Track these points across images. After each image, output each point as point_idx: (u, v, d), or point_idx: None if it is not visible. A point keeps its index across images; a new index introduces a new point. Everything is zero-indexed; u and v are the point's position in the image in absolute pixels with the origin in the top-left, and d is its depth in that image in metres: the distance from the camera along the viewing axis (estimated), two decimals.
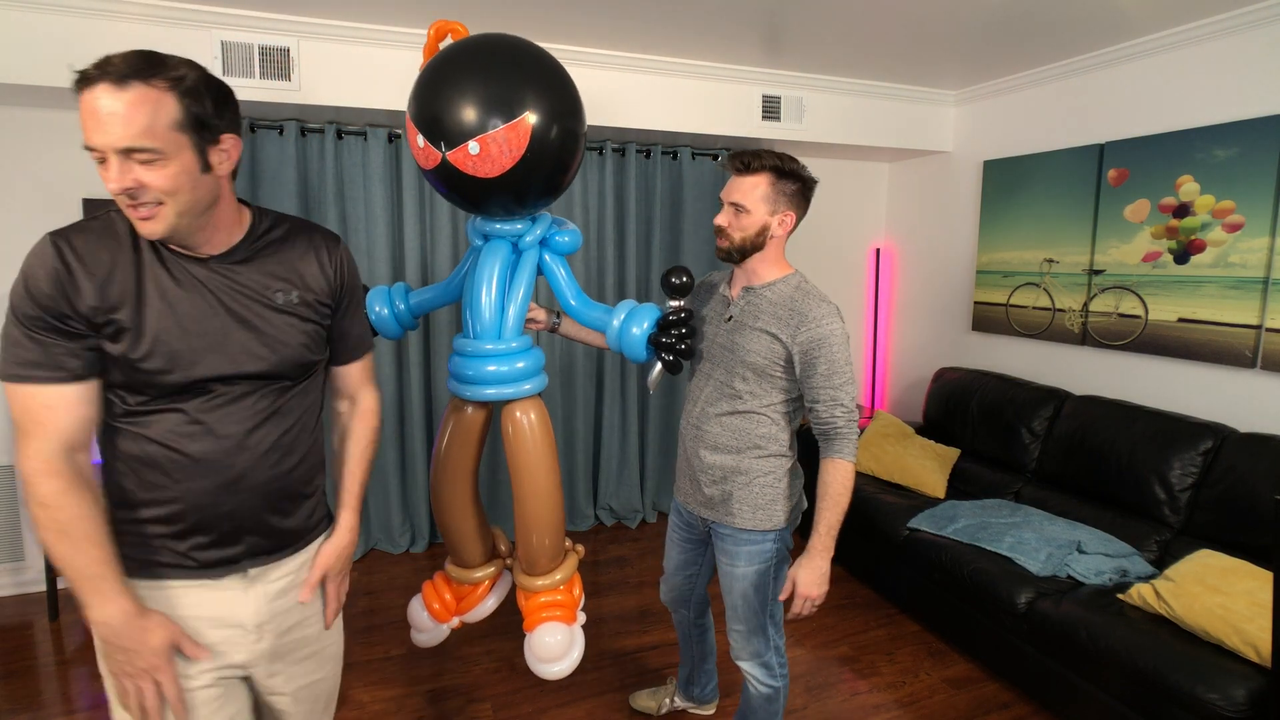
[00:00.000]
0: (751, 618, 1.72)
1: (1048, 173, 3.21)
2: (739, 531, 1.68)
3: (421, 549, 3.41)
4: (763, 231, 1.61)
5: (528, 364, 1.71)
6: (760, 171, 1.58)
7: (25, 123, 2.78)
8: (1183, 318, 2.70)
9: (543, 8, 2.53)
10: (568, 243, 1.79)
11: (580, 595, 1.93)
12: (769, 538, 1.68)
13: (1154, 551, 2.46)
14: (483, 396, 1.70)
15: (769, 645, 1.75)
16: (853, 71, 3.35)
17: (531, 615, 1.82)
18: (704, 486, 1.72)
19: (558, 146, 1.55)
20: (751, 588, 1.70)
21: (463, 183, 1.54)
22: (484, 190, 1.55)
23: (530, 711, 2.23)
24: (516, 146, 1.47)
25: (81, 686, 2.35)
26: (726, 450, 1.67)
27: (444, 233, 3.28)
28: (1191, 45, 2.66)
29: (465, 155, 1.47)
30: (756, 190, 1.58)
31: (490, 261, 1.67)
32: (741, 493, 1.67)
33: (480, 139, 1.46)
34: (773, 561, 1.70)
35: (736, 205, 1.60)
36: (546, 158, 1.53)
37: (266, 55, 2.64)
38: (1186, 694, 1.81)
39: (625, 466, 3.76)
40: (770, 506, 1.66)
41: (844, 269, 4.28)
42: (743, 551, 1.69)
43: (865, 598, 2.99)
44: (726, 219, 1.63)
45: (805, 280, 1.66)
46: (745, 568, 1.69)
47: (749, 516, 1.67)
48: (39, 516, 1.02)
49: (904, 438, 3.36)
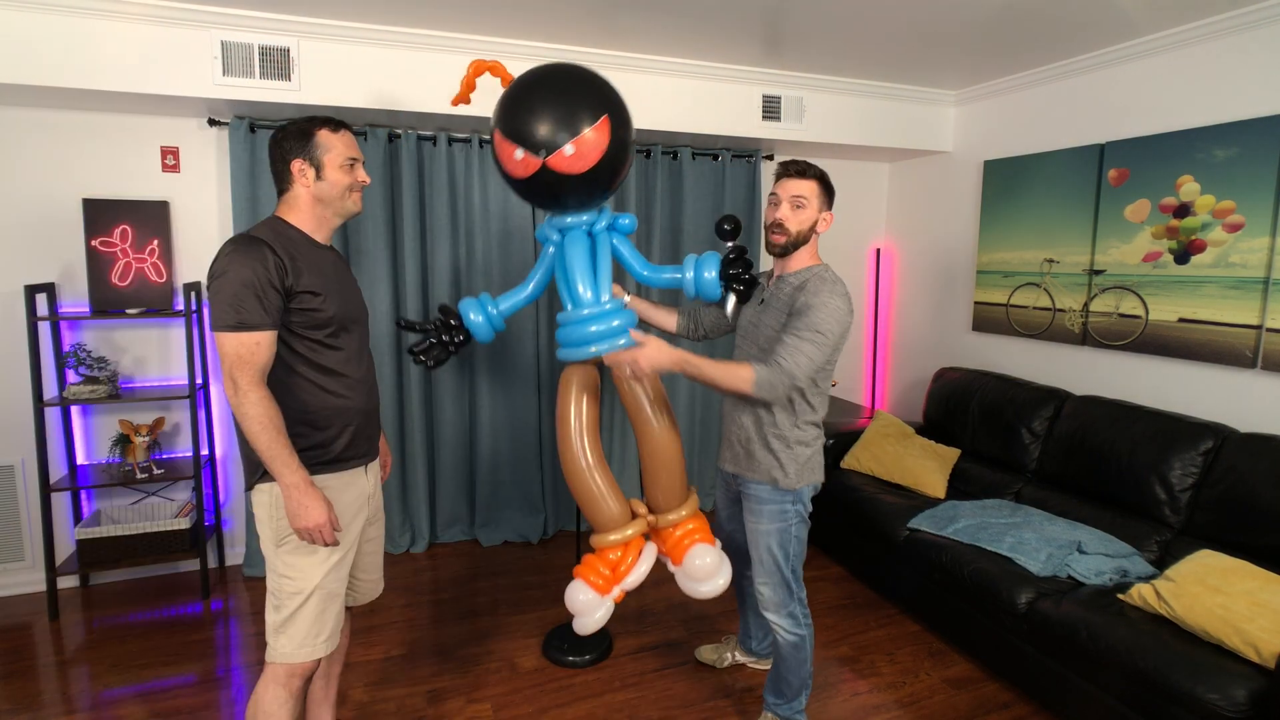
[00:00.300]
0: (775, 572, 1.95)
1: (1048, 173, 3.21)
2: (761, 488, 1.93)
3: (421, 549, 3.41)
4: (813, 226, 1.90)
5: (623, 320, 1.97)
6: (813, 177, 1.88)
7: (25, 123, 2.78)
8: (1183, 318, 2.70)
9: (544, 8, 2.53)
10: (628, 224, 2.12)
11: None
12: (787, 498, 1.91)
13: (1154, 551, 2.46)
14: (592, 354, 1.95)
15: (793, 597, 1.98)
16: (853, 71, 3.35)
17: (677, 546, 2.07)
18: (735, 444, 2.00)
19: (626, 144, 1.89)
20: (776, 543, 1.93)
21: (557, 182, 1.83)
22: (572, 186, 1.85)
23: (530, 711, 2.23)
24: (602, 143, 1.81)
25: (81, 686, 2.35)
26: (753, 415, 1.93)
27: (443, 233, 3.28)
28: (1191, 45, 2.65)
29: (561, 157, 1.79)
30: (813, 190, 1.87)
31: (578, 248, 2.01)
32: (762, 453, 1.91)
33: (574, 141, 1.78)
34: (793, 521, 1.94)
35: (798, 200, 1.86)
36: (621, 152, 1.87)
37: (266, 55, 2.64)
38: (1187, 694, 1.81)
39: (625, 467, 3.76)
40: (786, 466, 1.90)
41: (844, 269, 4.26)
42: (765, 510, 1.93)
43: (865, 598, 2.99)
44: (786, 213, 1.87)
45: (830, 271, 1.90)
46: (768, 525, 1.93)
47: (766, 473, 1.91)
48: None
49: (904, 438, 3.36)
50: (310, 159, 1.60)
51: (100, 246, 2.83)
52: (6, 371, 2.85)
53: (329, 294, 1.59)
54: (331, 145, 1.62)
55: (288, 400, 1.56)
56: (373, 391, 1.75)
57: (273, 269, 1.49)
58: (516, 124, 1.81)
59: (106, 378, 2.82)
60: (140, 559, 2.84)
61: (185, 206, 3.00)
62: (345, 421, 1.65)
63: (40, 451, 2.70)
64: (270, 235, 1.55)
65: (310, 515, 1.52)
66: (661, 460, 2.05)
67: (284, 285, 1.51)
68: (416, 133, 3.19)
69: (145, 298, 2.89)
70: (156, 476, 2.83)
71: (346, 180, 1.64)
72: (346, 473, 1.67)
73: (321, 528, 1.53)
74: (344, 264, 1.77)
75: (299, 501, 1.51)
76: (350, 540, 1.67)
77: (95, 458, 3.01)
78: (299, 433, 1.58)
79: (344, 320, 1.64)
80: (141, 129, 2.92)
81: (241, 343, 1.46)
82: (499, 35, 2.85)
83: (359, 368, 1.69)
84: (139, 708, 2.23)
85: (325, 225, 1.68)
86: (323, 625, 1.62)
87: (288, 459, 1.50)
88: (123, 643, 2.60)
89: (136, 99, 2.65)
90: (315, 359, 1.59)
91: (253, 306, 1.46)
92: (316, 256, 1.62)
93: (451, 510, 3.50)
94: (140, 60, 2.51)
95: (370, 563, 1.87)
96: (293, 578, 1.59)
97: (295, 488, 1.50)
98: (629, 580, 2.03)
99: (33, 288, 2.66)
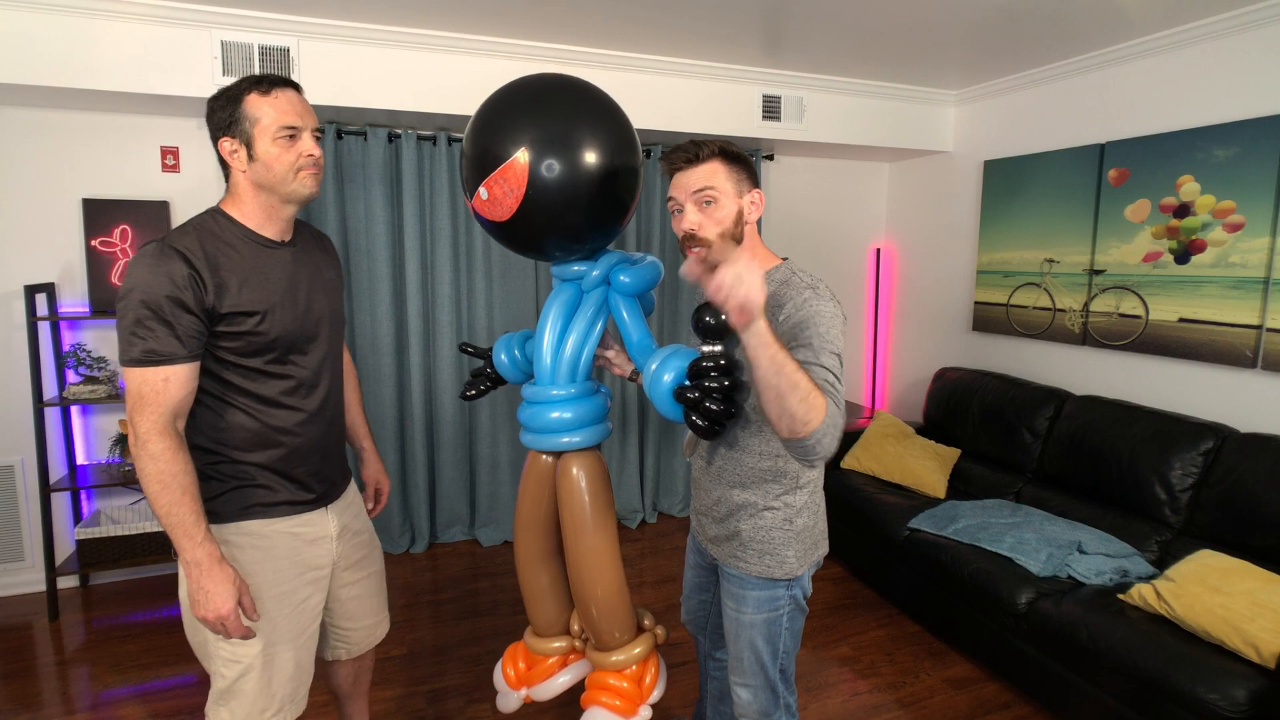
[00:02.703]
0: (759, 672, 1.50)
1: (1048, 173, 3.21)
2: (747, 576, 1.48)
3: (421, 549, 3.41)
4: (739, 219, 1.37)
5: (574, 414, 1.58)
6: (710, 158, 1.35)
7: (25, 123, 2.78)
8: (1183, 318, 2.70)
9: (543, 8, 2.53)
10: (628, 283, 1.59)
11: (653, 685, 1.69)
12: (780, 585, 1.46)
13: (1154, 551, 2.46)
14: (530, 444, 1.64)
15: (778, 703, 1.53)
16: (853, 71, 3.35)
17: (588, 691, 1.68)
18: (708, 526, 1.55)
19: (565, 181, 1.43)
20: (760, 638, 1.48)
21: (494, 230, 1.53)
22: (508, 236, 1.53)
23: (530, 711, 2.23)
24: (515, 186, 1.43)
25: (81, 686, 2.35)
26: (731, 484, 1.47)
27: (444, 233, 3.28)
28: (1191, 45, 2.65)
29: (480, 201, 1.48)
30: (717, 175, 1.34)
31: (550, 305, 1.63)
32: (748, 534, 1.46)
33: (485, 183, 1.46)
34: (785, 610, 1.48)
35: (703, 195, 1.34)
36: (552, 194, 1.44)
37: (266, 55, 2.64)
38: (1187, 694, 1.80)
39: (625, 467, 3.76)
40: (781, 551, 1.44)
41: (844, 269, 4.27)
42: (750, 597, 1.48)
43: (865, 598, 2.99)
44: (695, 219, 1.34)
45: (795, 270, 1.41)
46: (753, 615, 1.48)
47: (755, 562, 1.45)
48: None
49: (904, 438, 3.36)
50: (239, 134, 1.27)
51: (100, 246, 2.83)
52: (6, 371, 2.85)
53: (272, 310, 1.30)
54: (260, 114, 1.26)
55: (220, 437, 1.30)
56: (335, 421, 1.47)
57: (184, 286, 1.19)
58: (462, 161, 1.54)
59: (106, 378, 2.82)
60: (140, 559, 2.84)
61: (185, 206, 3.00)
62: (291, 462, 1.37)
63: (40, 451, 2.70)
64: (194, 240, 1.24)
65: (210, 603, 1.20)
66: (584, 590, 1.62)
67: (201, 306, 1.21)
68: (416, 133, 3.19)
69: None
70: None
71: (287, 157, 1.28)
72: (293, 518, 1.39)
73: (224, 619, 1.22)
74: (313, 262, 1.44)
75: (197, 584, 1.20)
76: (299, 603, 1.40)
77: (95, 458, 3.01)
78: (234, 474, 1.32)
79: (293, 341, 1.34)
80: (141, 129, 2.92)
81: (145, 380, 1.18)
82: (499, 35, 2.85)
83: (312, 397, 1.40)
84: (139, 708, 2.23)
85: (275, 216, 1.34)
86: (269, 700, 1.36)
87: (191, 528, 1.19)
88: (123, 643, 2.60)
89: (136, 99, 2.65)
90: (254, 389, 1.31)
91: (160, 334, 1.18)
92: (260, 260, 1.31)
93: (451, 510, 3.50)
94: (140, 60, 2.51)
95: (357, 609, 1.59)
96: (226, 646, 1.31)
97: (195, 565, 1.19)
98: (537, 690, 1.79)
99: (33, 288, 2.66)
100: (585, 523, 1.61)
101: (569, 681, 1.79)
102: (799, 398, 1.13)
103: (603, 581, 1.62)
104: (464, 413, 3.46)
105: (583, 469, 1.61)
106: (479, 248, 3.36)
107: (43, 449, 2.71)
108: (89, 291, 2.83)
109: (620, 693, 1.64)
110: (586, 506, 1.61)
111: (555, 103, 1.48)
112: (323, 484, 1.45)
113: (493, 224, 1.51)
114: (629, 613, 1.68)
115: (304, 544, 1.41)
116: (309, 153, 1.31)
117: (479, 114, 1.52)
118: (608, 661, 1.66)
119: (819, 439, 1.16)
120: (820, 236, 4.11)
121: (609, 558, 1.63)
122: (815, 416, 1.14)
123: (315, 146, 1.33)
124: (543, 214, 1.46)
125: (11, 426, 2.87)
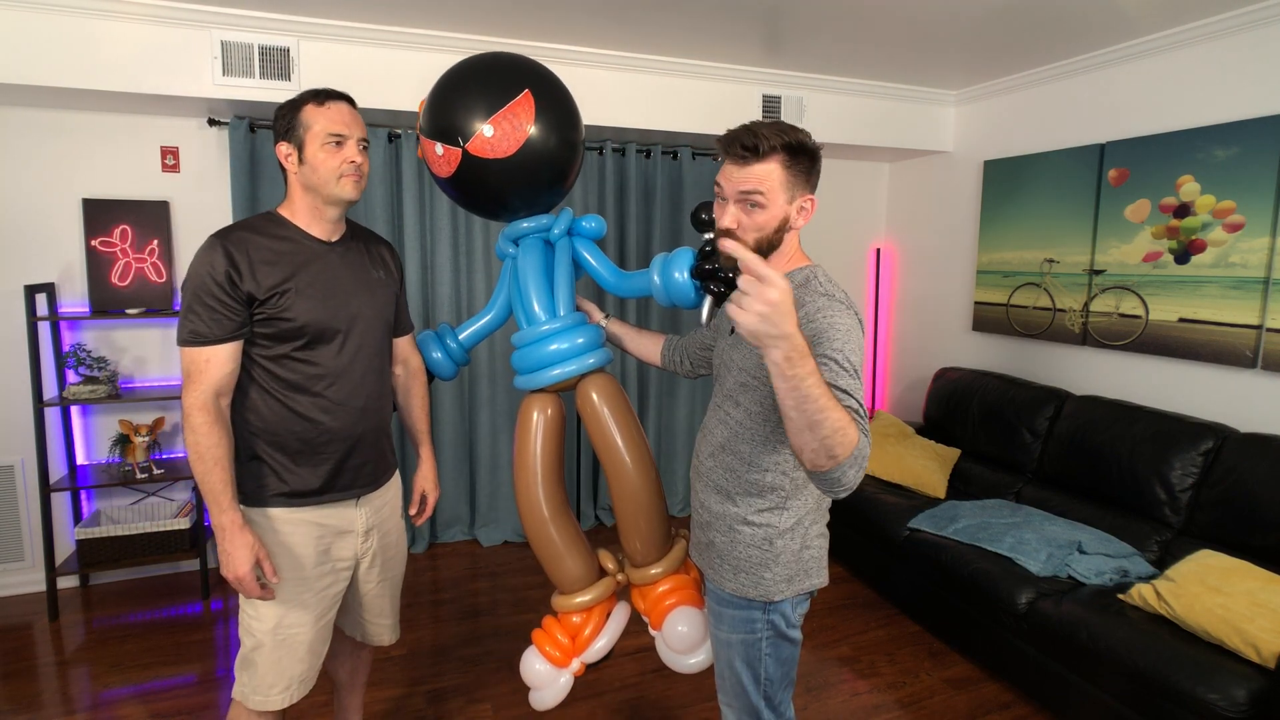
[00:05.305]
0: (739, 694, 1.39)
1: (1048, 173, 3.21)
2: (721, 591, 1.38)
3: (422, 549, 3.41)
4: (782, 226, 1.25)
5: (586, 338, 1.66)
6: (770, 155, 1.20)
7: (25, 122, 2.78)
8: (1183, 318, 2.70)
9: (543, 7, 2.53)
10: (594, 227, 1.79)
11: (698, 574, 1.70)
12: (755, 606, 1.34)
13: (1154, 551, 2.46)
14: (553, 379, 1.65)
15: None
16: (853, 71, 3.35)
17: (655, 609, 1.68)
18: (694, 530, 1.48)
19: (562, 123, 1.63)
20: (739, 660, 1.38)
21: (485, 174, 1.59)
22: (506, 177, 1.61)
23: (530, 711, 2.23)
24: (524, 120, 1.56)
25: (81, 686, 2.35)
26: (713, 488, 1.38)
27: (444, 232, 3.28)
28: (1191, 45, 2.65)
29: (481, 141, 1.55)
30: (772, 177, 1.21)
31: (530, 258, 1.73)
32: (723, 547, 1.36)
33: (492, 120, 1.54)
34: (763, 635, 1.35)
35: (749, 197, 1.22)
36: (554, 132, 1.61)
37: (266, 55, 2.64)
38: (1187, 694, 1.81)
39: None
40: (756, 571, 1.32)
41: (844, 269, 4.28)
42: (725, 614, 1.38)
43: (865, 598, 2.99)
44: (736, 219, 1.24)
45: (818, 274, 1.30)
46: (729, 634, 1.38)
47: (730, 578, 1.35)
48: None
49: (904, 438, 3.36)
50: (293, 139, 1.42)
51: (100, 246, 2.83)
52: (6, 371, 2.85)
53: (304, 298, 1.40)
54: (313, 121, 1.40)
55: (249, 418, 1.42)
56: (367, 414, 1.52)
57: (221, 272, 1.32)
58: (433, 120, 1.62)
59: (106, 378, 2.82)
60: (140, 559, 2.84)
61: (185, 206, 3.00)
62: (317, 449, 1.45)
63: (40, 451, 2.70)
64: (240, 234, 1.39)
65: (230, 564, 1.35)
66: (638, 504, 1.66)
67: (239, 291, 1.34)
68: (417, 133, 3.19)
69: (145, 298, 2.89)
70: (156, 476, 2.82)
71: (332, 162, 1.41)
72: (316, 509, 1.47)
73: (241, 580, 1.36)
74: (359, 263, 1.57)
75: (222, 546, 1.35)
76: (319, 590, 1.49)
77: (95, 458, 3.01)
78: (258, 456, 1.42)
79: (322, 330, 1.43)
80: (141, 129, 2.92)
81: (191, 359, 1.33)
82: (500, 36, 2.85)
83: (342, 387, 1.47)
84: (139, 708, 2.23)
85: (320, 217, 1.48)
86: (279, 676, 1.46)
87: (219, 496, 1.34)
88: (122, 643, 2.60)
89: (136, 99, 2.65)
90: (281, 373, 1.41)
91: (204, 317, 1.32)
92: (300, 255, 1.43)
93: (451, 510, 3.50)
94: (140, 60, 2.51)
95: (377, 605, 1.67)
96: (250, 614, 1.46)
97: (220, 530, 1.35)
98: (591, 651, 1.72)
99: (33, 288, 2.66)
100: (624, 435, 1.66)
101: (617, 632, 1.76)
102: (823, 434, 1.00)
103: (644, 494, 1.67)
104: (464, 413, 3.46)
105: (602, 389, 1.67)
106: (479, 248, 3.36)
107: (43, 449, 2.71)
108: (89, 291, 2.83)
109: (679, 588, 1.68)
110: (621, 419, 1.67)
111: (525, 60, 1.68)
112: (350, 475, 1.51)
113: (485, 167, 1.58)
114: (666, 521, 1.73)
115: (331, 535, 1.50)
116: (351, 159, 1.44)
117: (463, 70, 1.63)
118: (661, 571, 1.69)
119: (844, 471, 1.05)
120: (820, 236, 4.10)
121: (650, 463, 1.69)
122: (842, 452, 1.03)
123: (358, 154, 1.45)
124: (545, 148, 1.60)
125: (11, 426, 2.87)
